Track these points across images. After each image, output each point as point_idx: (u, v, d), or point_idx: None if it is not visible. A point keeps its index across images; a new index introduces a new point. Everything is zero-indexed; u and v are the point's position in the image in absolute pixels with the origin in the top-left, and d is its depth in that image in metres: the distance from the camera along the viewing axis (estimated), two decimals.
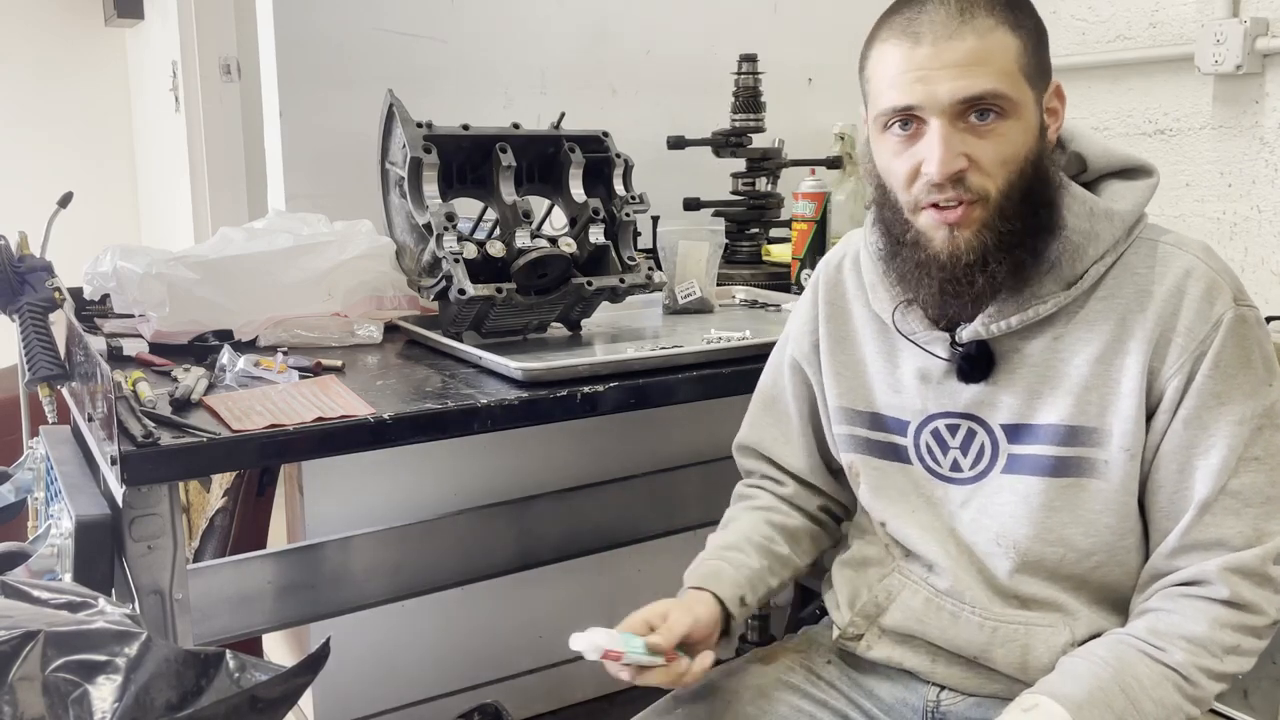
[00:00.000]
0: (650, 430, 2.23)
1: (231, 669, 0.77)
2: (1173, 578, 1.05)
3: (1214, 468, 1.03)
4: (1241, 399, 1.03)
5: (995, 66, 1.00)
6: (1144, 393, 1.04)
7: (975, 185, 1.01)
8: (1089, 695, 0.98)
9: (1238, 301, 1.04)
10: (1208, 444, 1.03)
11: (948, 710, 1.17)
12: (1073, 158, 1.12)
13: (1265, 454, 1.03)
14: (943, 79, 0.99)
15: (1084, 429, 1.06)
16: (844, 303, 1.24)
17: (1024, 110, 1.02)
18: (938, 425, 1.15)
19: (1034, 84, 1.03)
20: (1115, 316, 1.06)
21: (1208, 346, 1.02)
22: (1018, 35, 1.02)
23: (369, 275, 1.66)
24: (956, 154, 1.00)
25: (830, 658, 1.26)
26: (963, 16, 1.00)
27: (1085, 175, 1.12)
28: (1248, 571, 1.02)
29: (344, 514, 1.96)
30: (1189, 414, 1.03)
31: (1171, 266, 1.05)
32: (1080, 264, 1.06)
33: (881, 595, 1.19)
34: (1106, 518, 1.07)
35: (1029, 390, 1.09)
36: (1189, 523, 1.04)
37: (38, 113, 4.08)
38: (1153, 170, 1.11)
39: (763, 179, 2.16)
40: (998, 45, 1.00)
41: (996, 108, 1.00)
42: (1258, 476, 1.03)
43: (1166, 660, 1.01)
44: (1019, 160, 1.02)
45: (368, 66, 1.95)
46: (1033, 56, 1.03)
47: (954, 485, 1.14)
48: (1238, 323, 1.03)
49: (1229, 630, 1.02)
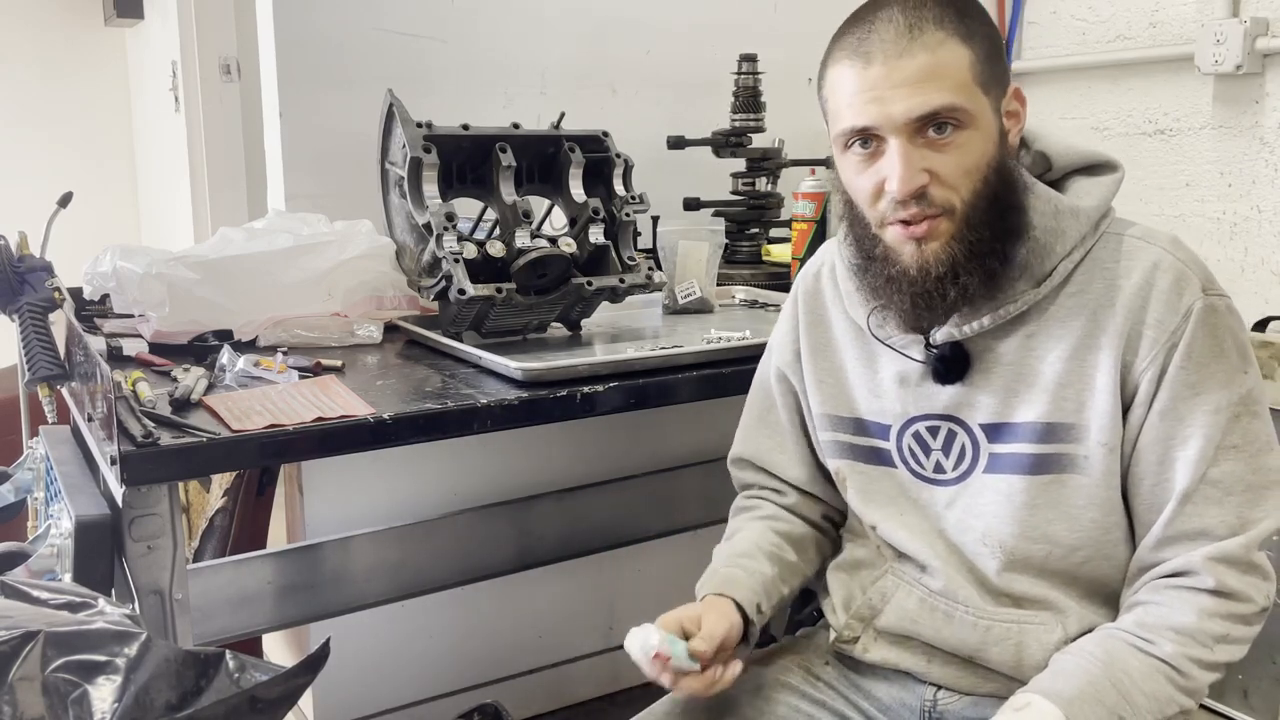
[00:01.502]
0: (650, 430, 2.23)
1: (231, 669, 0.78)
2: (1159, 570, 1.06)
3: (1192, 458, 1.03)
4: (1216, 388, 1.03)
5: (948, 80, 1.00)
6: (1118, 387, 1.05)
7: (939, 199, 1.02)
8: (1080, 691, 0.99)
9: (1206, 291, 1.05)
10: (1185, 434, 1.04)
11: (945, 710, 1.17)
12: (1037, 157, 1.12)
13: (1244, 441, 1.03)
14: (896, 98, 1.00)
15: (1061, 425, 1.07)
16: (823, 311, 1.24)
17: (981, 119, 1.02)
18: (918, 428, 1.15)
19: (989, 91, 1.03)
20: (1086, 312, 1.06)
21: (1179, 338, 1.03)
22: (969, 46, 1.01)
23: (369, 275, 1.66)
24: (917, 170, 1.01)
25: (828, 659, 1.26)
26: (912, 33, 1.00)
27: (1050, 174, 1.12)
28: (1233, 560, 1.02)
29: (344, 514, 1.96)
30: (1164, 406, 1.04)
31: (1139, 259, 1.06)
32: (1048, 261, 1.07)
33: (876, 597, 1.20)
34: (1090, 512, 1.08)
35: (1005, 389, 1.09)
36: (1171, 514, 1.04)
37: (38, 113, 4.08)
38: (1117, 165, 1.11)
39: (763, 179, 2.16)
40: (949, 58, 1.00)
41: (953, 120, 1.01)
42: (1237, 464, 1.03)
43: (1156, 652, 1.01)
44: (981, 169, 1.02)
45: (368, 66, 1.95)
46: (986, 65, 1.02)
47: (938, 487, 1.15)
48: (1207, 312, 1.03)
49: (1217, 619, 1.02)
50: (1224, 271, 2.28)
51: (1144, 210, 2.38)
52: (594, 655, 2.30)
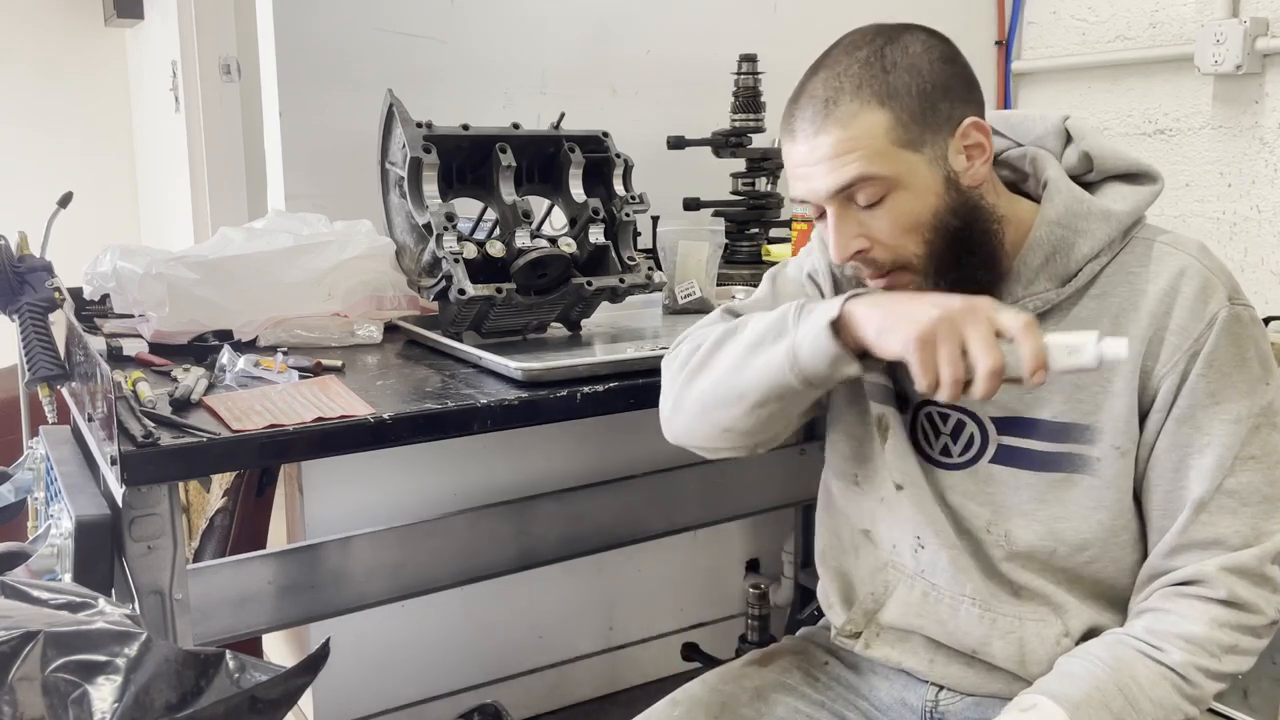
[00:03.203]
0: (650, 430, 2.22)
1: (231, 669, 0.77)
2: (1170, 577, 1.05)
3: (1209, 467, 1.03)
4: (1237, 397, 1.03)
5: (861, 151, 1.00)
6: (1137, 391, 1.05)
7: (884, 259, 1.04)
8: (1086, 695, 0.99)
9: (1233, 300, 1.04)
10: (1203, 443, 1.03)
11: (946, 710, 1.17)
12: (1081, 156, 1.12)
13: (1262, 453, 1.03)
14: (816, 175, 1.02)
15: (1075, 426, 1.07)
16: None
17: (908, 178, 1.01)
18: (930, 410, 1.15)
19: (919, 147, 1.01)
20: (1109, 315, 1.06)
21: (1201, 345, 1.02)
22: (888, 108, 1.00)
23: (369, 275, 1.66)
24: (852, 237, 1.03)
25: (828, 659, 1.26)
26: (827, 109, 1.01)
27: (1090, 175, 1.12)
28: (1245, 571, 1.02)
29: (344, 514, 1.96)
30: (1183, 412, 1.03)
31: (1166, 265, 1.05)
32: (1073, 262, 1.06)
33: (879, 589, 1.19)
34: (1099, 514, 1.08)
35: (1022, 387, 1.09)
36: (1185, 521, 1.04)
37: (38, 112, 4.07)
38: (1158, 177, 1.11)
39: (763, 179, 2.16)
40: (862, 130, 1.00)
41: (870, 189, 1.01)
42: (1255, 476, 1.03)
43: (1164, 660, 1.01)
44: (922, 225, 1.02)
45: (368, 66, 1.95)
46: (912, 123, 1.01)
47: (941, 469, 1.15)
48: (1232, 321, 1.03)
49: (1227, 630, 1.02)
50: None
51: None
52: (594, 655, 2.30)
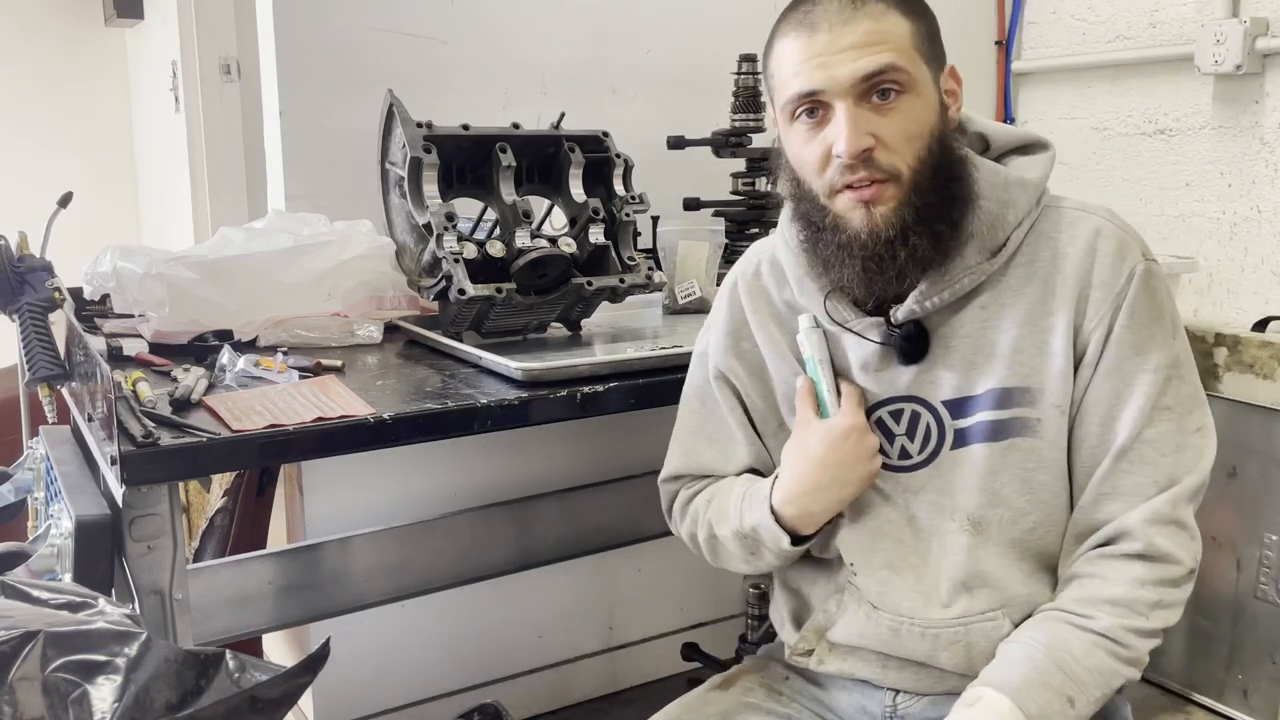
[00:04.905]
0: (650, 430, 2.22)
1: (231, 669, 0.78)
2: (1094, 538, 1.08)
3: (1132, 417, 1.06)
4: (1155, 349, 1.07)
5: (891, 45, 1.03)
6: (1071, 348, 1.08)
7: (885, 163, 1.04)
8: (1026, 678, 1.01)
9: (1145, 256, 1.10)
10: (1127, 394, 1.07)
11: (905, 712, 1.19)
12: (974, 137, 1.16)
13: (1175, 403, 1.07)
14: (842, 61, 1.03)
15: (1017, 390, 1.09)
16: (772, 308, 1.23)
17: (923, 87, 1.06)
18: (880, 414, 1.15)
19: (930, 63, 1.07)
20: (1037, 280, 1.09)
21: (1123, 299, 1.07)
22: (910, 19, 1.06)
23: (369, 275, 1.66)
24: (863, 133, 1.03)
25: (789, 674, 1.27)
26: (855, 4, 1.04)
27: (989, 153, 1.16)
28: (1163, 518, 1.05)
29: (344, 514, 1.96)
30: (1110, 365, 1.07)
31: (1081, 228, 1.10)
32: (1000, 232, 1.09)
33: (833, 607, 1.20)
34: (1041, 475, 1.10)
35: (965, 363, 1.11)
36: (1107, 469, 1.07)
37: (38, 112, 4.07)
38: (1049, 144, 1.16)
39: (763, 179, 2.16)
40: (891, 26, 1.04)
41: (896, 85, 1.03)
42: (1169, 425, 1.07)
43: (1094, 628, 1.04)
44: (924, 136, 1.05)
45: (368, 66, 1.95)
46: (926, 40, 1.07)
47: (904, 473, 1.15)
48: (1147, 275, 1.08)
49: (1149, 586, 1.04)
50: (1224, 271, 2.28)
51: (1144, 210, 2.38)
52: (594, 655, 2.29)
